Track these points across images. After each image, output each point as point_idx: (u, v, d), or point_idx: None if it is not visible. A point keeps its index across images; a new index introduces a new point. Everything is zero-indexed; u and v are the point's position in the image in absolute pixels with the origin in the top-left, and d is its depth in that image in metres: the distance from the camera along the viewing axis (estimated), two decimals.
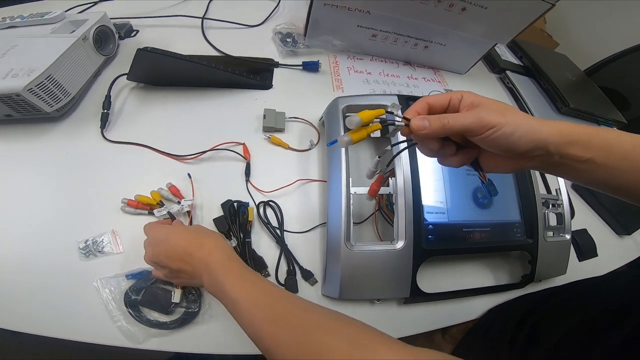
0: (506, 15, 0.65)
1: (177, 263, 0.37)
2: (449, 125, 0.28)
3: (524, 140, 0.28)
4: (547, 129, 0.28)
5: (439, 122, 0.28)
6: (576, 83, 0.91)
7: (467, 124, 0.28)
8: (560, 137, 0.28)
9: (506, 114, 0.28)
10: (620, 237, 0.67)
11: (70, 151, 0.51)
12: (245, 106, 0.61)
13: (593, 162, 0.29)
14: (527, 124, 0.28)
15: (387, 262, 0.44)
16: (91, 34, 0.57)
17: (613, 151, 0.29)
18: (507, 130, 0.27)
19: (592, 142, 0.29)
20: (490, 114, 0.28)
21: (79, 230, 0.44)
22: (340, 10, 0.66)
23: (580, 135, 0.29)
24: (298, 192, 0.53)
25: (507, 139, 0.27)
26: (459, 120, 0.28)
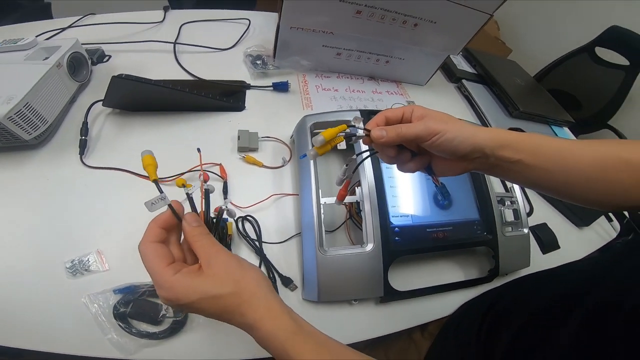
0: (453, 28, 0.72)
1: (211, 316, 0.31)
2: (402, 133, 0.33)
3: (464, 144, 0.32)
4: (483, 134, 0.33)
5: (394, 131, 0.33)
6: (526, 88, 0.99)
7: (417, 131, 0.33)
8: (493, 142, 0.33)
9: (448, 122, 0.33)
10: (580, 229, 0.72)
11: (50, 177, 0.52)
12: (220, 128, 0.64)
13: (523, 163, 0.33)
14: (466, 131, 0.32)
15: (359, 264, 0.48)
16: (65, 60, 0.58)
17: (540, 153, 0.33)
18: (450, 136, 0.32)
19: (521, 145, 0.33)
20: (435, 123, 0.32)
21: (64, 251, 0.45)
22: (306, 31, 0.70)
23: (511, 139, 0.33)
24: (274, 206, 0.56)
25: (450, 143, 0.32)
26: (411, 128, 0.33)
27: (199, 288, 0.29)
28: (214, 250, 0.31)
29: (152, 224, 0.31)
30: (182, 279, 0.29)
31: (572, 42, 1.36)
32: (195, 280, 0.29)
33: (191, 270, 0.30)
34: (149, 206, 0.30)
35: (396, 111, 0.36)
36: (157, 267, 0.29)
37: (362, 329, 0.48)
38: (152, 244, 0.30)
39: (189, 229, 0.31)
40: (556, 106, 0.98)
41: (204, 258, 0.30)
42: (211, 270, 0.29)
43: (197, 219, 0.32)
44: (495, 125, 0.82)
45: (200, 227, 0.32)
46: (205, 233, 0.32)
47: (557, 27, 1.64)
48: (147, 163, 0.32)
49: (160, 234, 0.31)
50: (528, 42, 1.73)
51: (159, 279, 0.29)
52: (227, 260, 0.30)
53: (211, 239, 0.32)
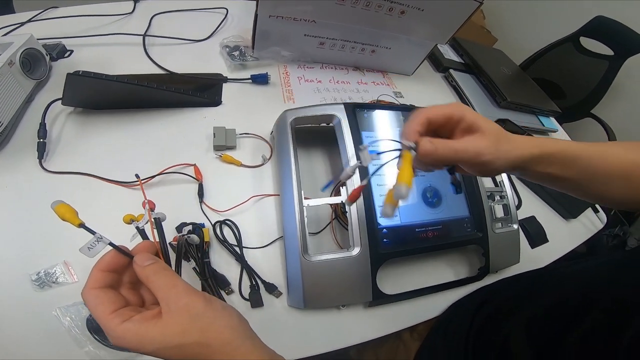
0: (441, 16, 0.69)
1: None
2: (450, 156, 0.30)
3: (502, 167, 0.32)
4: (522, 150, 0.32)
5: (443, 151, 0.30)
6: (512, 77, 0.97)
7: (468, 158, 0.31)
8: (531, 157, 0.33)
9: (498, 148, 0.31)
10: (567, 221, 0.71)
11: (9, 184, 0.48)
12: (194, 125, 0.60)
13: (552, 175, 0.35)
14: (502, 154, 0.31)
15: (346, 269, 0.45)
16: (17, 57, 0.53)
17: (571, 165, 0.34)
18: (491, 159, 0.31)
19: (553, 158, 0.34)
20: (489, 152, 0.31)
21: (29, 263, 0.42)
22: (286, 20, 0.66)
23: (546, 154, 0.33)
24: (254, 208, 0.53)
25: (491, 165, 0.31)
26: (460, 155, 0.31)
27: (156, 338, 0.25)
28: (174, 292, 0.26)
29: (94, 269, 0.28)
30: (133, 328, 0.25)
31: (557, 31, 1.37)
32: (151, 329, 0.25)
33: (146, 317, 0.26)
34: (86, 252, 0.27)
35: (441, 112, 0.31)
36: (101, 316, 0.26)
37: (351, 333, 0.47)
38: (93, 291, 0.27)
39: (139, 270, 0.28)
40: (543, 96, 0.97)
41: (163, 301, 0.26)
42: (171, 317, 0.25)
43: (149, 256, 0.28)
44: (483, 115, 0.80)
45: (154, 265, 0.28)
46: (162, 270, 0.28)
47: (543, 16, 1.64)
48: (63, 212, 0.28)
49: (103, 279, 0.28)
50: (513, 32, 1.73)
51: (106, 328, 0.25)
52: (192, 304, 0.26)
53: (169, 277, 0.27)
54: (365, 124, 0.54)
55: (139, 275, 0.28)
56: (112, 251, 0.28)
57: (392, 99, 0.76)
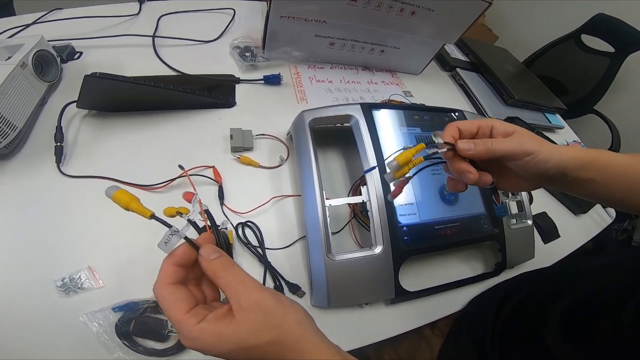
0: (451, 16, 0.70)
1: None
2: (492, 148, 0.31)
3: (555, 167, 0.32)
4: (567, 155, 0.32)
5: (483, 145, 0.32)
6: (517, 75, 0.98)
7: (510, 148, 0.31)
8: (575, 162, 0.33)
9: (541, 143, 0.32)
10: (577, 216, 0.72)
11: (27, 190, 0.47)
12: (210, 127, 0.59)
13: (592, 181, 0.34)
14: (556, 153, 0.32)
15: (369, 267, 0.46)
16: (30, 59, 0.52)
17: (609, 172, 0.34)
18: (545, 157, 0.31)
19: (594, 164, 0.33)
20: (528, 142, 0.31)
21: (52, 269, 0.42)
22: (297, 21, 0.66)
23: (587, 159, 0.33)
24: (274, 209, 0.53)
25: (543, 165, 0.31)
26: (503, 144, 0.32)
27: (232, 338, 0.24)
28: (244, 289, 0.26)
29: (166, 263, 0.26)
30: (209, 328, 0.24)
31: (558, 29, 1.38)
32: (226, 329, 0.24)
33: (219, 316, 0.25)
34: (163, 247, 0.26)
35: (470, 124, 0.34)
36: (177, 315, 0.24)
37: (374, 330, 0.47)
38: (167, 287, 0.26)
39: (207, 264, 0.26)
40: (548, 93, 0.98)
41: (233, 299, 0.25)
42: (244, 315, 0.25)
43: (215, 249, 0.27)
44: (491, 114, 0.81)
45: (221, 259, 0.27)
46: (230, 265, 0.27)
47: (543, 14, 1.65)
48: (125, 201, 0.26)
49: (176, 274, 0.26)
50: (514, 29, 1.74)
51: (181, 328, 0.24)
52: (262, 300, 0.25)
53: (238, 272, 0.27)
54: (382, 123, 0.54)
55: (206, 270, 0.27)
56: (185, 245, 0.26)
57: (403, 98, 0.77)
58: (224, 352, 0.24)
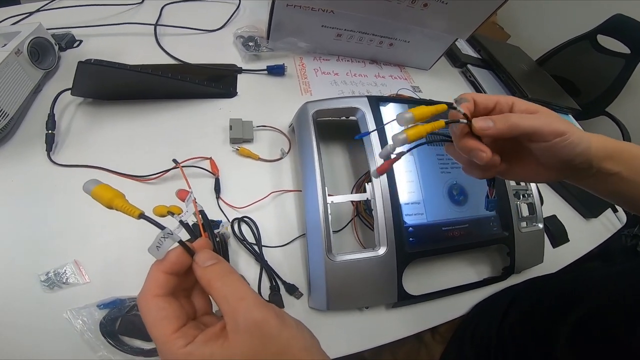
0: (465, 10, 0.67)
1: None
2: (517, 123, 0.27)
3: (584, 152, 0.28)
4: (595, 142, 0.29)
5: (506, 121, 0.27)
6: (530, 73, 0.95)
7: (538, 125, 0.27)
8: (603, 151, 0.29)
9: (571, 125, 0.28)
10: (587, 220, 0.70)
11: (15, 178, 0.46)
12: (209, 117, 0.57)
13: (619, 176, 0.30)
14: (586, 138, 0.28)
15: (371, 269, 0.43)
16: (25, 46, 0.51)
17: (637, 166, 0.30)
18: (575, 140, 0.27)
19: (623, 156, 0.30)
20: (558, 122, 0.27)
21: (37, 262, 0.40)
22: (304, 10, 0.64)
23: (615, 149, 0.30)
24: (273, 204, 0.51)
25: (573, 149, 0.27)
26: (529, 121, 0.27)
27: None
28: (242, 306, 0.21)
29: (156, 270, 0.22)
30: (197, 352, 0.20)
31: (572, 29, 1.34)
32: (217, 353, 0.20)
33: (210, 337, 0.21)
34: (155, 252, 0.22)
35: (488, 98, 0.30)
36: (163, 336, 0.21)
37: (373, 335, 0.45)
38: (155, 300, 0.22)
39: (201, 272, 0.23)
40: (561, 93, 0.95)
41: (229, 316, 0.21)
42: (240, 337, 0.20)
43: (212, 255, 0.23)
44: None
45: (218, 266, 0.23)
46: (227, 274, 0.23)
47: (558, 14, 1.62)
48: (108, 198, 0.22)
49: (167, 283, 0.22)
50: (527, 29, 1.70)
51: (165, 350, 0.20)
52: (264, 321, 0.21)
53: (237, 284, 0.22)
54: (388, 118, 0.51)
55: (200, 278, 0.23)
56: (178, 250, 0.23)
57: (411, 93, 0.74)
58: None
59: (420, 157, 0.51)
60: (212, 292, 0.22)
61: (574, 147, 0.27)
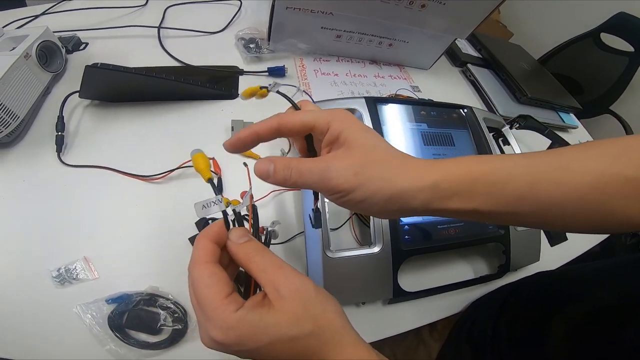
0: (464, 10, 0.67)
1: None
2: (291, 180, 0.24)
3: (378, 206, 0.23)
4: (418, 185, 0.23)
5: (282, 173, 0.24)
6: (531, 72, 0.95)
7: (312, 182, 0.24)
8: (432, 194, 0.23)
9: (364, 171, 0.23)
10: None
11: (27, 178, 0.47)
12: (212, 118, 0.59)
13: (478, 212, 0.24)
14: (387, 188, 0.23)
15: (367, 266, 0.45)
16: (34, 50, 0.52)
17: (504, 195, 0.23)
18: (357, 197, 0.23)
19: (475, 190, 0.23)
20: (340, 174, 0.23)
21: (48, 259, 0.42)
22: (303, 12, 0.65)
23: (461, 185, 0.23)
24: (273, 203, 0.52)
25: (358, 205, 0.23)
26: (304, 177, 0.24)
27: (271, 329, 0.21)
28: (282, 274, 0.23)
29: (203, 239, 0.23)
30: (248, 317, 0.21)
31: (576, 27, 1.33)
32: (265, 318, 0.21)
33: (256, 304, 0.22)
34: (199, 210, 0.24)
35: (296, 121, 0.25)
36: (216, 300, 0.21)
37: (370, 330, 0.46)
38: (208, 266, 0.22)
39: (237, 248, 0.24)
40: (562, 91, 0.94)
41: (269, 286, 0.22)
42: (285, 303, 0.22)
43: (245, 232, 0.25)
44: (503, 112, 0.78)
45: (252, 242, 0.24)
46: (261, 249, 0.24)
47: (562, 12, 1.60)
48: (198, 162, 0.26)
49: (214, 252, 0.23)
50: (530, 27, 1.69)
51: (215, 316, 0.21)
52: (302, 288, 0.23)
53: (273, 257, 0.24)
54: (387, 118, 0.52)
55: (236, 254, 0.24)
56: (220, 222, 0.24)
57: (410, 93, 0.75)
58: (260, 345, 0.21)
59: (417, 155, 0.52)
60: (249, 265, 0.23)
61: (357, 203, 0.23)
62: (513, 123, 0.65)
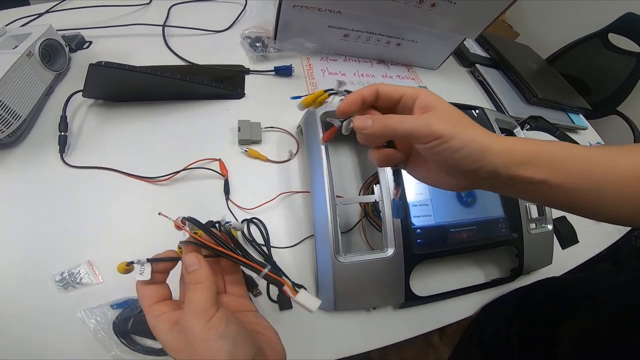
0: (474, 10, 0.66)
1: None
2: (390, 126, 0.25)
3: (469, 159, 0.24)
4: (498, 147, 0.24)
5: (382, 123, 0.25)
6: (540, 72, 0.94)
7: (412, 127, 0.24)
8: (510, 158, 0.25)
9: (457, 125, 0.24)
10: (597, 222, 0.68)
11: (29, 180, 0.46)
12: (218, 118, 0.58)
13: (547, 183, 0.25)
14: (477, 142, 0.24)
15: (379, 271, 0.44)
16: (36, 48, 0.51)
17: (568, 169, 0.25)
18: (455, 145, 0.24)
19: (546, 160, 0.25)
20: (440, 122, 0.24)
21: (51, 263, 0.41)
22: (311, 11, 0.64)
23: (533, 154, 0.25)
24: (282, 205, 0.51)
25: (453, 154, 0.24)
26: (405, 123, 0.25)
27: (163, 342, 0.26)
28: (186, 309, 0.25)
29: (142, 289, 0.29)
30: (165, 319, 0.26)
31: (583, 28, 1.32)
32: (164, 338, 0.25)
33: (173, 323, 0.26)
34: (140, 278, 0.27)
35: (394, 90, 0.27)
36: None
37: (381, 335, 0.45)
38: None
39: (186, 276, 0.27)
40: (572, 92, 0.93)
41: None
42: (175, 334, 0.25)
43: (194, 259, 0.26)
44: (512, 113, 0.77)
45: (195, 274, 0.26)
46: (198, 281, 0.26)
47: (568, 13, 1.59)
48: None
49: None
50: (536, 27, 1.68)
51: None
52: (189, 327, 0.24)
53: (195, 291, 0.25)
54: None
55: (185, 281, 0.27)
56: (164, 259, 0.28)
57: None
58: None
59: None
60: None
61: (453, 152, 0.24)
62: (524, 124, 0.64)
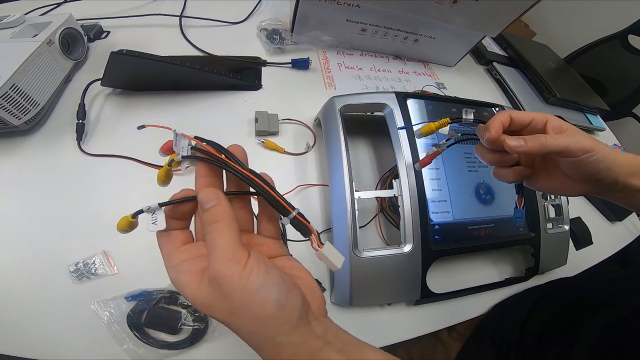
0: (496, 8, 0.65)
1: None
2: (547, 143, 0.29)
3: (606, 169, 0.30)
4: (621, 159, 0.30)
5: (536, 141, 0.29)
6: (558, 72, 0.92)
7: (566, 144, 0.29)
8: (629, 168, 0.31)
9: (598, 143, 0.30)
10: (612, 223, 0.68)
11: (46, 167, 0.46)
12: (235, 109, 0.57)
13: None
14: (611, 155, 0.30)
15: (396, 266, 0.43)
16: (57, 37, 0.52)
17: None
18: (600, 157, 0.29)
19: None
20: (585, 139, 0.29)
21: (67, 253, 0.40)
22: (329, 4, 0.63)
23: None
24: (298, 198, 0.50)
25: (597, 165, 0.29)
26: (560, 140, 0.29)
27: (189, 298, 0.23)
28: (212, 255, 0.21)
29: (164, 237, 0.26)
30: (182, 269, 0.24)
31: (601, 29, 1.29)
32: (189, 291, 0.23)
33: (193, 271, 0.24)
34: (155, 228, 0.24)
35: (523, 115, 0.32)
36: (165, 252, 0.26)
37: (395, 331, 0.45)
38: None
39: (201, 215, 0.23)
40: (590, 93, 0.92)
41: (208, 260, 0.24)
42: (204, 286, 0.22)
43: (211, 194, 0.23)
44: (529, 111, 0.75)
45: (213, 210, 0.22)
46: (218, 218, 0.22)
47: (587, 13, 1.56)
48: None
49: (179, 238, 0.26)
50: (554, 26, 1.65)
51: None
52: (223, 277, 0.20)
53: (217, 230, 0.22)
54: (415, 114, 0.51)
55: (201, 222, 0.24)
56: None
57: (436, 90, 0.73)
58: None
59: (448, 155, 0.50)
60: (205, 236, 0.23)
61: (599, 163, 0.29)
62: None
